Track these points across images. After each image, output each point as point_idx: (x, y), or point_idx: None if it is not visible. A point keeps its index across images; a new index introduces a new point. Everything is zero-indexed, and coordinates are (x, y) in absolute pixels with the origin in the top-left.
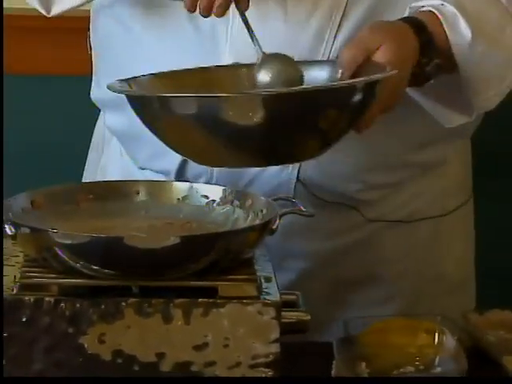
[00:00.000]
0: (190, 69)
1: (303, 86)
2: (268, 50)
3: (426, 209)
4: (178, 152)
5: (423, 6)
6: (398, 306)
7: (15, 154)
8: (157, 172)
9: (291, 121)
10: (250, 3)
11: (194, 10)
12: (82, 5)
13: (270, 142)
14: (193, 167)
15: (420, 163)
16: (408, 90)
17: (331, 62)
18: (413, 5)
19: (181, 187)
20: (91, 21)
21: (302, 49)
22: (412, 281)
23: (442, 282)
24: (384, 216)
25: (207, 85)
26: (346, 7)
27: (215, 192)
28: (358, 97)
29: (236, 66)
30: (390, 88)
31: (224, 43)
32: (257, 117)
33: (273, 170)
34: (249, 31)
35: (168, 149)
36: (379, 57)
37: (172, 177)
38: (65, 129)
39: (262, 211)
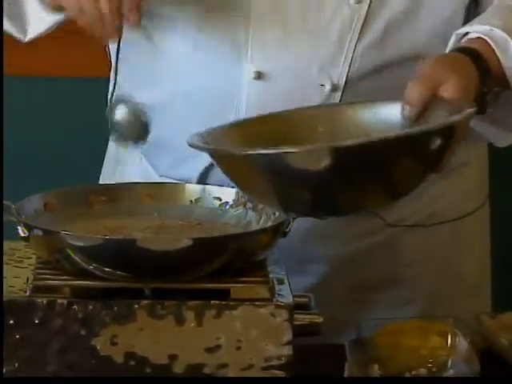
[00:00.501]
0: (262, 116)
1: (385, 135)
2: (288, 59)
3: (446, 211)
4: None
5: (468, 33)
6: (417, 308)
7: (28, 155)
8: (177, 180)
9: (367, 171)
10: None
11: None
12: (52, 27)
13: (348, 190)
14: (215, 175)
15: None
16: None
17: (396, 101)
18: (458, 32)
19: (194, 189)
20: None
21: (323, 57)
22: (431, 283)
23: (460, 284)
24: (404, 220)
25: (279, 132)
26: (366, 16)
27: (228, 194)
28: (440, 138)
29: (302, 110)
30: (466, 125)
31: (246, 55)
32: (337, 167)
33: None
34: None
35: (189, 156)
36: (446, 92)
37: None
38: (78, 130)
39: (274, 213)
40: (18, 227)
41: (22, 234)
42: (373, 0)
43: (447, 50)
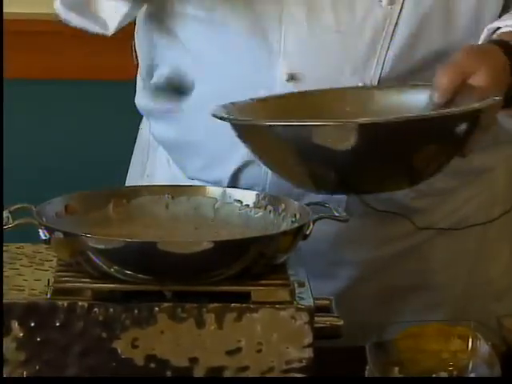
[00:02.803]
0: (289, 93)
1: (409, 115)
2: (320, 61)
3: (475, 216)
4: (276, 172)
5: (499, 28)
6: (447, 312)
7: (52, 157)
8: (208, 183)
9: (391, 150)
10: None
11: None
12: (131, 14)
13: (373, 169)
14: (246, 178)
15: (472, 169)
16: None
17: (426, 86)
18: (490, 26)
19: (214, 192)
20: (136, 29)
21: (355, 59)
22: (461, 287)
23: (490, 288)
24: (434, 224)
25: (308, 109)
26: (398, 18)
27: (249, 197)
28: (464, 124)
29: (330, 90)
30: (491, 113)
31: (278, 51)
32: (362, 145)
33: None
34: None
35: (220, 159)
36: (476, 81)
37: None
38: (100, 134)
39: (295, 216)
40: (39, 230)
41: (43, 237)
42: (405, 1)
43: (480, 42)
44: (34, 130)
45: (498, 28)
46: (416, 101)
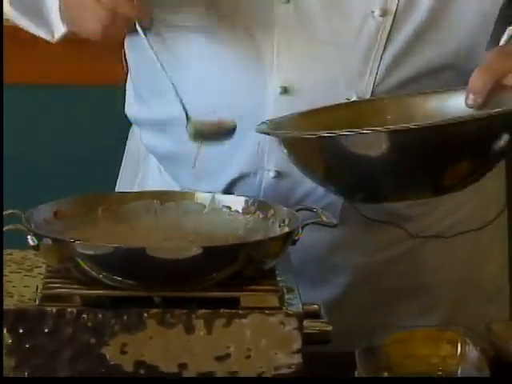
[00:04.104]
0: (332, 106)
1: (456, 117)
2: (314, 73)
3: (466, 222)
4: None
5: None
6: (439, 316)
7: (40, 165)
8: None
9: (450, 154)
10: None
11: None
12: None
13: (424, 175)
14: (240, 190)
15: None
16: None
17: (461, 89)
18: (511, 27)
19: (203, 197)
20: (126, 38)
21: (350, 71)
22: (452, 291)
23: (481, 292)
24: (425, 231)
25: (348, 122)
26: (390, 30)
27: (238, 202)
28: (501, 127)
29: (370, 100)
30: None
31: (270, 69)
32: (418, 150)
33: (320, 191)
34: (155, 54)
35: (212, 173)
36: (510, 81)
37: None
38: (90, 140)
39: (284, 221)
40: (28, 236)
41: (32, 243)
42: (398, 12)
43: (501, 44)
44: (23, 134)
45: None
46: (455, 105)
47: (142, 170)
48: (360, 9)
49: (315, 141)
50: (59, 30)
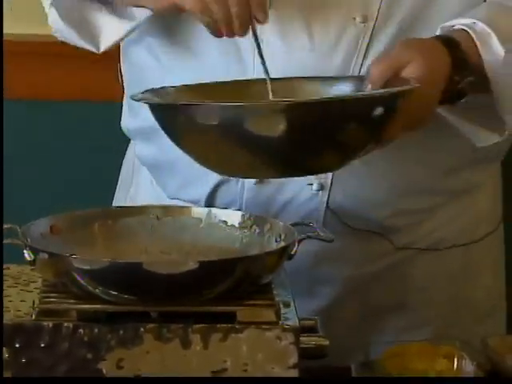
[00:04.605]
0: (218, 82)
1: (325, 97)
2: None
3: (456, 236)
4: (199, 162)
5: (454, 26)
6: (427, 333)
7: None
8: (186, 202)
9: (312, 131)
10: (275, 31)
11: (220, 35)
12: (126, 36)
13: (291, 152)
14: (222, 196)
15: (448, 190)
16: (440, 109)
17: (359, 78)
18: (444, 24)
19: (199, 212)
20: (121, 51)
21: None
22: (441, 308)
23: (471, 310)
24: (413, 243)
25: (233, 97)
26: (371, 36)
27: (234, 217)
28: (379, 109)
29: (263, 80)
30: (416, 102)
31: (252, 69)
32: (278, 126)
33: (302, 198)
34: (260, 53)
35: (196, 179)
36: (408, 73)
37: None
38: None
39: (280, 236)
40: (24, 251)
41: (28, 258)
42: (378, 18)
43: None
44: (22, 149)
45: (453, 26)
46: (346, 90)
47: (135, 184)
48: (341, 15)
49: (192, 110)
50: (107, 40)
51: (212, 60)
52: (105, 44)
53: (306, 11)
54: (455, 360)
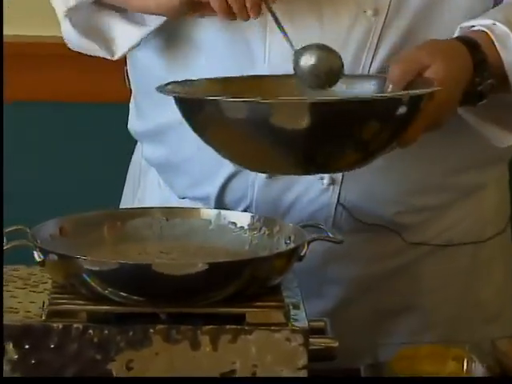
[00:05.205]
0: (243, 76)
1: (349, 96)
2: None
3: (466, 234)
4: (222, 155)
5: (473, 26)
6: (437, 333)
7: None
8: (196, 200)
9: (336, 130)
10: (285, 25)
11: (229, 17)
12: (139, 43)
13: (313, 149)
14: (232, 194)
15: (460, 187)
16: (460, 109)
17: (381, 77)
18: (463, 25)
19: (209, 214)
20: (128, 54)
21: None
22: (451, 309)
23: (481, 310)
24: (423, 240)
25: (258, 92)
26: (382, 29)
27: (243, 219)
28: (401, 110)
29: (287, 76)
30: (437, 104)
31: (262, 64)
32: (303, 124)
33: (313, 193)
34: (279, 27)
35: (207, 176)
36: (430, 74)
37: (211, 204)
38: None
39: (290, 238)
40: (34, 252)
41: (38, 259)
42: (389, 11)
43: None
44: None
45: (472, 26)
46: (367, 90)
47: (142, 186)
48: (352, 8)
49: (220, 104)
50: (122, 47)
51: (220, 54)
52: (120, 51)
53: (317, 5)
54: (465, 362)
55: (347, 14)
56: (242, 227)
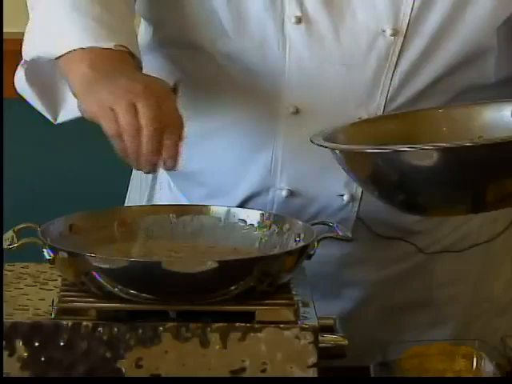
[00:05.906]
0: (386, 115)
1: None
2: (325, 93)
3: (476, 234)
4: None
5: None
6: (450, 329)
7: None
8: None
9: (479, 172)
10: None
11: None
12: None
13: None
14: (252, 207)
15: None
16: None
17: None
18: None
19: (219, 211)
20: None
21: (359, 90)
22: (463, 304)
23: (492, 304)
24: (435, 244)
25: (406, 131)
26: (401, 48)
27: (253, 216)
28: None
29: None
30: None
31: (282, 90)
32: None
33: (332, 208)
34: None
35: (224, 190)
36: None
37: None
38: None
39: (299, 235)
40: (43, 249)
41: (47, 257)
42: (408, 31)
43: None
44: (34, 148)
45: None
46: (502, 117)
47: (151, 185)
48: (371, 28)
49: (376, 155)
50: (66, 115)
51: (242, 79)
52: (62, 118)
53: (337, 24)
54: (474, 360)
55: (366, 34)
56: (251, 225)
